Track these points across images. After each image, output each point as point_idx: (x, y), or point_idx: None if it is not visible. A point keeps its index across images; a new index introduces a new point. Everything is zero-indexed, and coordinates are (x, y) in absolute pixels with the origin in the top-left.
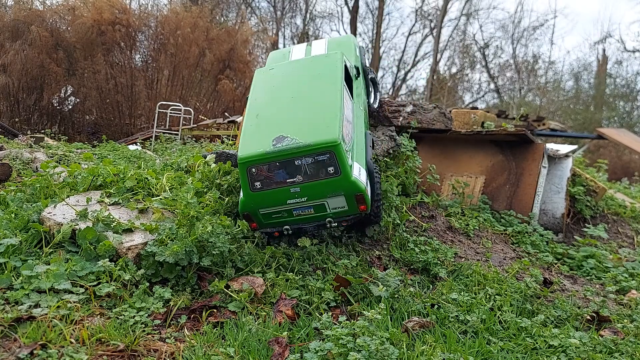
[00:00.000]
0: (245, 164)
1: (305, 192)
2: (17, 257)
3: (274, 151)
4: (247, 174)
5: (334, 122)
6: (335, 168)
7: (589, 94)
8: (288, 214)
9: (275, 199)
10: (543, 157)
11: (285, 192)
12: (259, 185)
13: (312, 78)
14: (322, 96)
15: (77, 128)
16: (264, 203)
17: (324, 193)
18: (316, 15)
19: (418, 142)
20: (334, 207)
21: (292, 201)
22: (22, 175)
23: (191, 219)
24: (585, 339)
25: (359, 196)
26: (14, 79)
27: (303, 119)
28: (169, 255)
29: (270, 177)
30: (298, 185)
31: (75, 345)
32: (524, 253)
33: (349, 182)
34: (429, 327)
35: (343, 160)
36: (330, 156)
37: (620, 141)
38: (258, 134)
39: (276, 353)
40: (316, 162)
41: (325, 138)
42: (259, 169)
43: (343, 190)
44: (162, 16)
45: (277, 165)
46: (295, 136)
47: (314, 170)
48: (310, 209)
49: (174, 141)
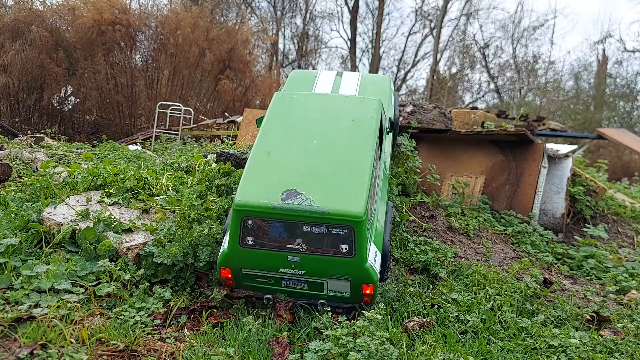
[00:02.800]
0: (242, 212)
1: (304, 265)
2: (17, 257)
3: (282, 208)
4: (241, 224)
5: (361, 191)
6: (350, 248)
7: (589, 94)
8: (275, 283)
9: (267, 263)
10: (543, 157)
11: (281, 257)
12: (250, 242)
13: (342, 125)
14: (351, 152)
15: (77, 128)
16: (252, 264)
17: (327, 272)
18: (316, 15)
19: (418, 142)
20: (333, 290)
21: (285, 270)
22: (22, 175)
23: (191, 221)
24: (585, 339)
25: (368, 287)
26: (14, 79)
27: (324, 175)
28: (167, 257)
29: (268, 235)
30: (299, 255)
31: (75, 345)
32: (524, 253)
33: (362, 268)
34: (429, 327)
35: (362, 241)
36: (347, 232)
37: (620, 141)
38: (265, 178)
39: (276, 353)
40: (329, 234)
41: (348, 210)
42: (256, 222)
43: (351, 276)
44: (162, 16)
45: (280, 224)
46: (311, 195)
47: (323, 243)
48: (304, 284)
49: (174, 141)
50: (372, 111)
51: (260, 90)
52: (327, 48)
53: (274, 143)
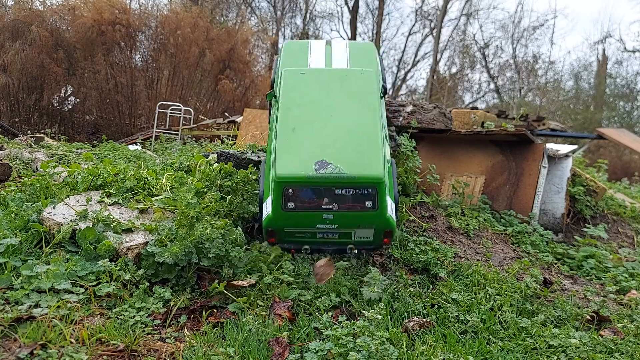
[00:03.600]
0: (282, 183)
1: (337, 220)
2: (17, 257)
3: (317, 177)
4: (283, 193)
5: (378, 156)
6: (374, 203)
7: (589, 94)
8: (312, 236)
9: (306, 221)
10: (543, 157)
11: (317, 216)
12: (291, 206)
13: (350, 96)
14: (363, 121)
15: (77, 128)
16: (293, 223)
17: (356, 224)
18: (316, 15)
19: (418, 142)
20: (360, 237)
21: (321, 226)
22: (22, 175)
23: (191, 220)
24: (585, 339)
25: (388, 232)
26: (14, 79)
27: (346, 145)
28: (169, 256)
29: (306, 200)
30: (332, 213)
31: (75, 345)
32: (524, 253)
33: (384, 218)
34: (429, 327)
35: (383, 197)
36: (372, 191)
37: (620, 141)
38: (298, 152)
39: (276, 353)
40: (356, 195)
41: (371, 173)
42: (295, 190)
43: (375, 225)
44: (162, 16)
45: (316, 190)
46: (339, 165)
47: (351, 201)
48: (335, 234)
49: (174, 141)
50: (373, 83)
51: (260, 90)
52: None
53: (296, 120)
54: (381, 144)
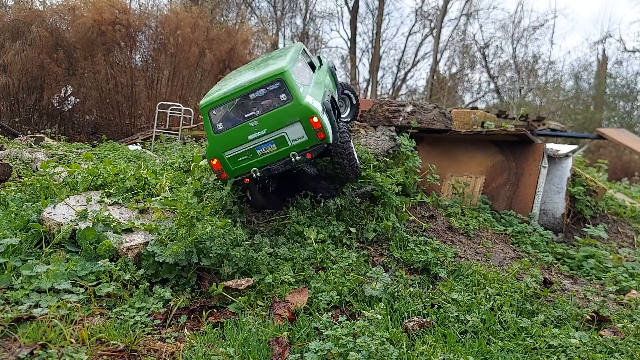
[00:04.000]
0: (206, 108)
1: (263, 125)
2: (17, 257)
3: (230, 90)
4: (209, 117)
5: (282, 60)
6: (287, 94)
7: (589, 94)
8: (252, 155)
9: (237, 137)
10: (543, 157)
11: (245, 128)
12: (220, 127)
13: (270, 58)
14: (275, 60)
15: (77, 128)
16: (228, 144)
17: (281, 122)
18: (316, 15)
19: (418, 142)
20: (294, 139)
21: (252, 136)
22: (22, 175)
23: (191, 220)
24: (585, 339)
25: (313, 121)
26: (14, 78)
27: (257, 69)
28: (169, 256)
29: (230, 115)
30: (256, 119)
31: (75, 345)
32: (524, 253)
33: (300, 105)
34: (429, 327)
35: (293, 87)
36: (280, 84)
37: (620, 141)
38: (218, 88)
39: (276, 353)
40: (269, 93)
41: (273, 69)
42: (218, 110)
43: (297, 115)
44: (162, 16)
45: (235, 103)
46: (248, 79)
47: (268, 102)
48: (271, 144)
49: (174, 141)
50: (293, 46)
51: None
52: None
53: (218, 86)
54: (288, 57)
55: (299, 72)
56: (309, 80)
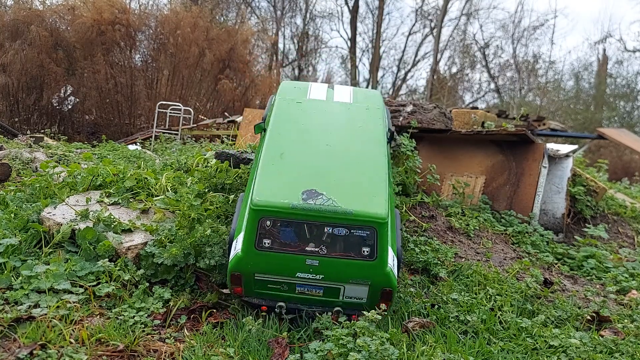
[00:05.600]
0: (260, 213)
1: (323, 269)
2: (17, 257)
3: (304, 208)
4: (258, 225)
5: (382, 192)
6: (372, 250)
7: (589, 94)
8: (290, 289)
9: (284, 267)
10: (543, 157)
11: (299, 261)
12: (267, 244)
13: (352, 129)
14: (365, 156)
15: (77, 128)
16: (267, 268)
17: (347, 276)
18: (316, 15)
19: (418, 142)
20: (350, 297)
21: (303, 275)
22: (22, 175)
23: (191, 221)
24: (586, 339)
25: (387, 292)
26: (13, 78)
27: (342, 178)
28: (167, 257)
29: (287, 237)
30: (318, 258)
31: (75, 346)
32: (524, 253)
33: (383, 272)
34: (429, 327)
35: (384, 244)
36: (371, 234)
37: (620, 141)
38: (283, 178)
39: (276, 353)
40: (350, 236)
41: (372, 211)
42: (275, 223)
43: (371, 280)
44: (162, 16)
45: (300, 225)
46: (332, 196)
47: (344, 245)
48: (319, 289)
49: (173, 141)
50: (379, 118)
51: (260, 90)
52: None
53: (285, 144)
54: (386, 181)
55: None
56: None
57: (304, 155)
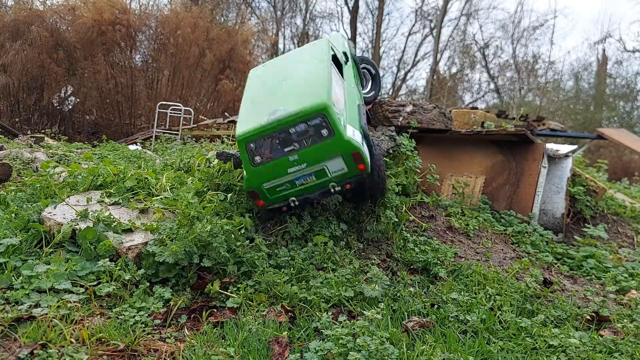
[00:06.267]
0: (244, 141)
1: (303, 158)
2: (17, 257)
3: (269, 122)
4: (247, 150)
5: (322, 89)
6: (329, 130)
7: (589, 94)
8: (291, 185)
9: (276, 170)
10: (543, 157)
11: (284, 162)
12: (259, 160)
13: (301, 62)
14: (310, 73)
15: (77, 128)
16: (267, 177)
17: (322, 156)
18: (316, 15)
19: (418, 142)
20: (334, 171)
21: (292, 169)
22: (22, 175)
23: (192, 219)
24: (585, 339)
25: (355, 154)
26: (14, 78)
27: (292, 93)
28: (169, 255)
29: (269, 149)
30: (296, 153)
31: (76, 345)
32: (524, 253)
33: (343, 141)
34: (429, 327)
35: (335, 122)
36: (322, 119)
37: (620, 141)
38: (253, 113)
39: (276, 353)
40: (310, 127)
41: (314, 102)
42: (257, 143)
43: (339, 150)
44: (162, 16)
45: (274, 136)
46: (287, 107)
47: (309, 136)
48: (311, 176)
49: (174, 141)
50: (322, 45)
51: None
52: None
53: (253, 95)
54: (327, 81)
55: (336, 94)
56: (343, 100)
57: (266, 94)
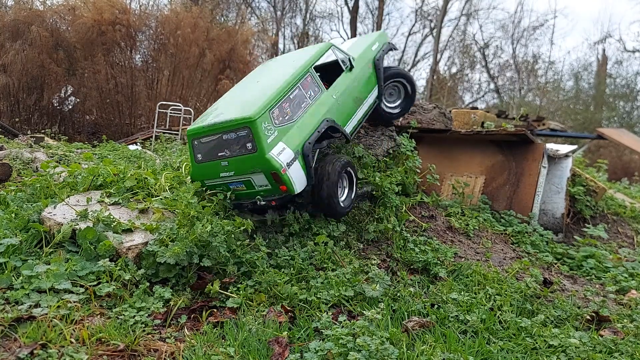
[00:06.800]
0: (190, 137)
1: (232, 167)
2: (18, 257)
3: (208, 125)
4: (192, 145)
5: (260, 101)
6: (252, 144)
7: (589, 94)
8: (226, 188)
9: (212, 171)
10: (543, 157)
11: (217, 165)
12: (200, 157)
13: (281, 66)
14: (271, 80)
15: (77, 128)
16: (205, 174)
17: (246, 168)
18: (316, 15)
19: (418, 142)
20: (260, 185)
21: (224, 174)
22: (23, 175)
23: (191, 219)
24: (585, 339)
25: (274, 174)
26: (14, 79)
27: (246, 99)
28: (170, 256)
29: (207, 150)
30: (226, 159)
31: (76, 345)
32: (524, 253)
33: (263, 159)
34: (429, 327)
35: (259, 137)
36: (247, 132)
37: (620, 141)
38: (209, 113)
39: (276, 353)
40: (238, 138)
41: (243, 114)
42: (199, 141)
43: (259, 167)
44: (162, 16)
45: (211, 139)
46: (229, 113)
47: (237, 146)
48: (241, 184)
49: (174, 141)
50: (314, 51)
51: None
52: None
53: (228, 93)
54: (274, 93)
55: (284, 108)
56: (299, 114)
57: (232, 96)
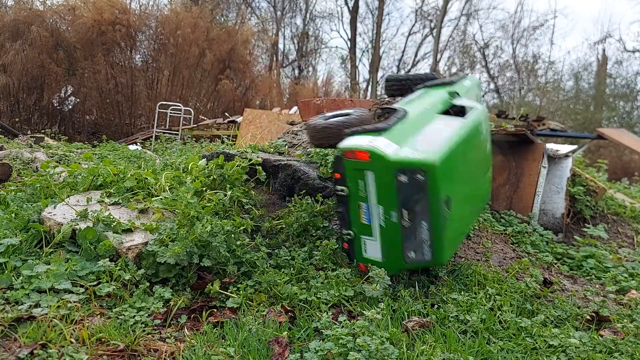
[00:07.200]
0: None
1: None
2: (17, 257)
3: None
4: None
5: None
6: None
7: (589, 94)
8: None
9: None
10: (543, 157)
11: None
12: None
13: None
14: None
15: (77, 128)
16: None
17: None
18: (316, 15)
19: None
20: None
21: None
22: (22, 175)
23: (191, 219)
24: (585, 339)
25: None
26: (14, 79)
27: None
28: (170, 256)
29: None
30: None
31: (76, 345)
32: (524, 253)
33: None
34: (429, 327)
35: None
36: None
37: (620, 141)
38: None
39: (276, 353)
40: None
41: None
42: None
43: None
44: (162, 16)
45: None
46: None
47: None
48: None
49: (174, 141)
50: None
51: (260, 91)
52: (327, 48)
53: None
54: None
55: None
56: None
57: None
